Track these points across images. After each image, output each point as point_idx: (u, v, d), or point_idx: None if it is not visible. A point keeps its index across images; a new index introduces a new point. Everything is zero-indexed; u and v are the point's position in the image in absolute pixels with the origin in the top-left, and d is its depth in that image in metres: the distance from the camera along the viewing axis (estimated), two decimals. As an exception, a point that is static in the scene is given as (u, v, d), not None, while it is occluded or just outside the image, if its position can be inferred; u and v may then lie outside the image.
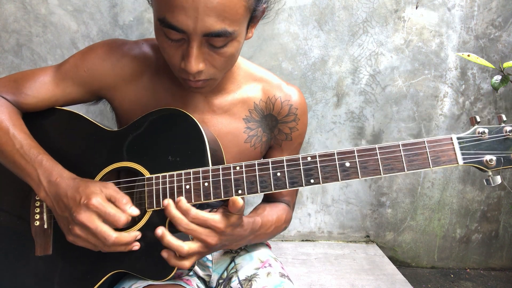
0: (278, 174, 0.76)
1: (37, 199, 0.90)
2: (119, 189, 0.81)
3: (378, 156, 0.72)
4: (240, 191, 0.77)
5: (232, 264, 1.00)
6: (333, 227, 1.95)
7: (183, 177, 0.79)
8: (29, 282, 0.88)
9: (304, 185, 0.74)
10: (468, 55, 1.31)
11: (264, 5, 0.81)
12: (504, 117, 0.71)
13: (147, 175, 0.83)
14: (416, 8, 1.74)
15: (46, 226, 0.88)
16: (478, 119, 0.72)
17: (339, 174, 0.73)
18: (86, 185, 0.78)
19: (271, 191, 0.76)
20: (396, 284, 1.59)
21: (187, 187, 0.79)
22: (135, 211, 0.78)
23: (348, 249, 1.89)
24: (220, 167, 0.78)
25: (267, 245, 1.12)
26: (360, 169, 0.73)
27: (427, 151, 0.71)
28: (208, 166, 0.79)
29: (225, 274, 1.00)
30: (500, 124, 0.71)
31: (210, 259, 1.02)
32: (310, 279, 1.61)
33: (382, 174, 0.72)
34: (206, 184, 0.78)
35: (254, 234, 0.90)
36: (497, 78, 1.39)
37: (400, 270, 1.71)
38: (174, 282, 0.87)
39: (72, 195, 0.77)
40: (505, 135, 0.70)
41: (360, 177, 0.72)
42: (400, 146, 0.72)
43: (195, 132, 0.82)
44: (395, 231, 1.97)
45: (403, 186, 1.92)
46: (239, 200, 0.73)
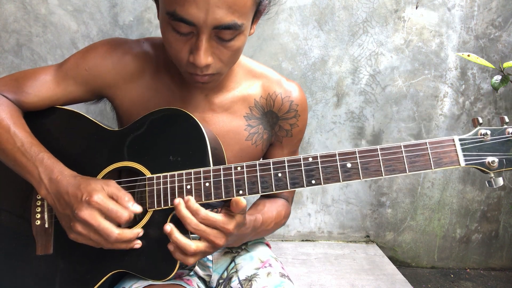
0: (279, 175, 0.76)
1: (38, 198, 0.90)
2: None
3: (380, 157, 0.72)
4: (241, 192, 0.76)
5: (232, 264, 1.00)
6: (333, 227, 1.95)
7: (184, 177, 0.79)
8: (29, 282, 0.88)
9: (305, 185, 0.74)
10: (468, 55, 1.31)
11: (266, 1, 0.82)
12: (506, 118, 0.70)
13: (148, 175, 0.83)
14: (416, 8, 1.74)
15: (47, 226, 0.88)
16: (481, 121, 0.71)
17: (340, 175, 0.73)
18: (88, 182, 0.78)
19: (272, 191, 0.76)
20: (396, 284, 1.59)
21: (188, 187, 0.79)
22: (138, 208, 0.78)
23: (348, 249, 1.89)
24: (221, 167, 0.78)
25: (267, 245, 1.12)
26: (361, 170, 0.72)
27: (429, 153, 0.71)
28: (209, 166, 0.79)
29: (225, 274, 1.00)
30: (502, 125, 0.71)
31: (210, 259, 1.02)
32: (310, 279, 1.61)
33: (383, 175, 0.71)
34: (207, 184, 0.78)
35: (255, 232, 0.90)
36: (497, 78, 1.39)
37: (400, 270, 1.71)
38: (175, 282, 0.87)
39: (73, 192, 0.77)
40: (507, 137, 0.69)
41: (361, 178, 0.72)
42: (402, 147, 0.72)
43: (196, 132, 0.82)
44: (395, 231, 1.97)
45: (403, 186, 1.92)
46: (242, 200, 0.73)
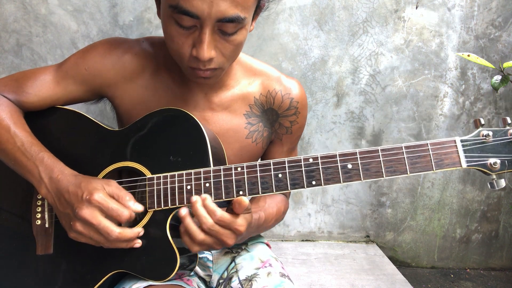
0: (280, 175, 0.76)
1: (38, 198, 0.90)
2: None
3: (381, 158, 0.72)
4: (241, 192, 0.76)
5: (232, 264, 1.00)
6: (333, 227, 1.95)
7: (184, 177, 0.79)
8: (30, 281, 0.88)
9: (305, 186, 0.74)
10: (468, 55, 1.31)
11: None
12: (509, 119, 0.70)
13: (149, 175, 0.83)
14: (416, 8, 1.74)
15: (47, 225, 0.88)
16: (483, 122, 0.71)
17: (341, 176, 0.73)
18: (88, 181, 0.78)
19: (273, 192, 0.76)
20: (396, 284, 1.59)
21: (188, 187, 0.79)
22: (139, 207, 0.78)
23: (348, 249, 1.89)
24: (221, 167, 0.78)
25: (267, 245, 1.12)
26: (362, 171, 0.72)
27: (430, 154, 0.71)
28: (210, 167, 0.79)
29: (225, 274, 1.00)
30: (504, 126, 0.71)
31: (210, 259, 1.02)
32: (310, 279, 1.61)
33: (384, 176, 0.71)
34: (207, 184, 0.78)
35: (258, 229, 0.91)
36: (497, 78, 1.39)
37: (400, 270, 1.71)
38: (175, 283, 0.87)
39: (74, 191, 0.77)
40: (509, 138, 0.69)
41: (362, 179, 0.72)
42: (403, 148, 0.71)
43: (196, 132, 0.82)
44: (395, 231, 1.97)
45: (403, 186, 1.92)
46: (244, 200, 0.73)
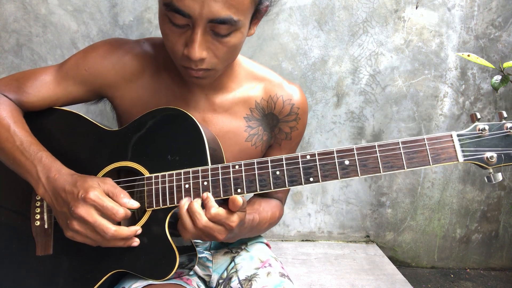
0: (278, 173, 0.76)
1: (37, 199, 0.90)
2: None
3: (378, 154, 0.72)
4: (239, 190, 0.77)
5: (232, 264, 1.00)
6: (333, 227, 1.95)
7: (182, 176, 0.79)
8: (29, 282, 0.88)
9: (303, 183, 0.74)
10: (468, 55, 1.31)
11: (267, 2, 0.82)
12: (504, 113, 0.70)
13: (147, 174, 0.83)
14: (416, 8, 1.74)
15: (46, 226, 0.88)
16: (479, 116, 0.71)
17: (338, 172, 0.73)
18: (84, 179, 0.78)
19: (271, 189, 0.76)
20: (396, 284, 1.59)
21: (187, 186, 0.79)
22: (134, 204, 0.78)
23: (348, 249, 1.89)
24: (219, 166, 0.78)
25: (267, 245, 1.12)
26: (359, 167, 0.72)
27: (427, 148, 0.71)
28: (207, 165, 0.79)
29: (225, 274, 1.00)
30: (500, 120, 0.71)
31: (210, 259, 1.02)
32: (310, 279, 1.61)
33: (381, 172, 0.71)
34: (206, 183, 0.78)
35: (251, 231, 0.91)
36: (497, 78, 1.39)
37: (400, 270, 1.71)
38: (175, 282, 0.87)
39: (70, 190, 0.77)
40: (506, 132, 0.69)
41: (359, 175, 0.72)
42: (400, 143, 0.71)
43: (194, 131, 0.82)
44: (395, 231, 1.96)
45: (403, 186, 1.92)
46: (238, 199, 0.73)
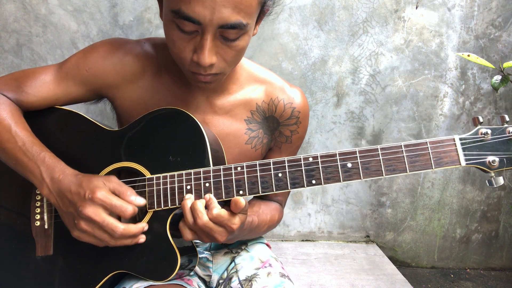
0: (280, 175, 0.75)
1: (37, 199, 0.89)
2: None
3: (380, 157, 0.72)
4: (241, 192, 0.76)
5: (232, 264, 1.00)
6: (333, 227, 1.95)
7: (184, 177, 0.79)
8: (29, 283, 0.87)
9: (305, 185, 0.74)
10: (468, 55, 1.31)
11: (271, 1, 0.82)
12: (507, 117, 0.70)
13: (148, 175, 0.82)
14: (416, 8, 1.74)
15: (46, 226, 0.88)
16: (481, 120, 0.71)
17: (341, 175, 0.73)
18: (89, 179, 0.78)
19: (273, 191, 0.76)
20: (396, 284, 1.59)
21: (188, 187, 0.79)
22: (141, 201, 0.78)
23: (348, 249, 1.89)
24: (221, 167, 0.78)
25: (267, 245, 1.12)
26: (362, 170, 0.72)
27: (429, 152, 0.71)
28: (209, 167, 0.79)
29: (225, 274, 1.00)
30: (503, 124, 0.71)
31: (210, 260, 1.02)
32: (310, 279, 1.61)
33: (384, 175, 0.71)
34: (207, 184, 0.78)
35: (249, 233, 0.91)
36: (497, 78, 1.39)
37: (400, 270, 1.71)
38: (175, 282, 0.87)
39: (76, 190, 0.77)
40: (508, 136, 0.69)
41: (362, 178, 0.72)
42: (403, 147, 0.72)
43: (196, 132, 0.81)
44: (395, 231, 1.97)
45: (403, 186, 1.92)
46: (241, 200, 0.73)
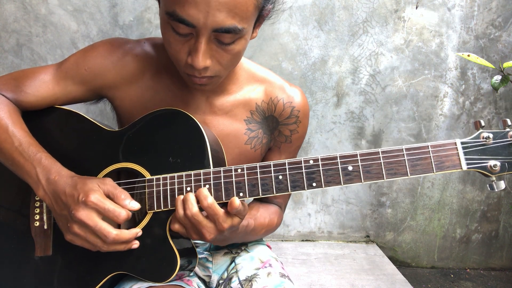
0: (280, 177, 0.75)
1: (37, 199, 0.89)
2: None
3: (381, 160, 0.71)
4: (241, 194, 0.76)
5: (232, 265, 1.00)
6: (333, 227, 1.95)
7: (184, 179, 0.79)
8: (29, 283, 0.87)
9: (306, 188, 0.74)
10: (468, 55, 1.31)
11: (270, 5, 0.81)
12: (509, 121, 0.69)
13: (148, 176, 0.82)
14: (416, 8, 1.73)
15: (46, 227, 0.88)
16: (483, 123, 0.70)
17: (341, 178, 0.73)
18: (84, 182, 0.77)
19: (273, 194, 0.75)
20: (396, 284, 1.59)
21: (188, 189, 0.78)
22: (135, 205, 0.77)
23: (348, 249, 1.89)
24: (221, 169, 0.77)
25: (268, 246, 1.11)
26: (363, 173, 0.72)
27: (430, 156, 0.70)
28: (209, 168, 0.79)
29: (225, 274, 1.00)
30: (504, 128, 0.70)
31: (210, 260, 1.02)
32: (310, 279, 1.61)
33: (385, 178, 0.71)
34: (207, 186, 0.77)
35: (244, 236, 0.91)
36: (497, 78, 1.39)
37: (400, 270, 1.71)
38: (175, 283, 0.87)
39: (70, 193, 0.76)
40: (509, 140, 0.69)
41: (362, 181, 0.72)
42: (404, 150, 0.71)
43: (196, 133, 0.81)
44: (395, 231, 1.97)
45: (403, 186, 1.92)
46: (235, 200, 0.73)
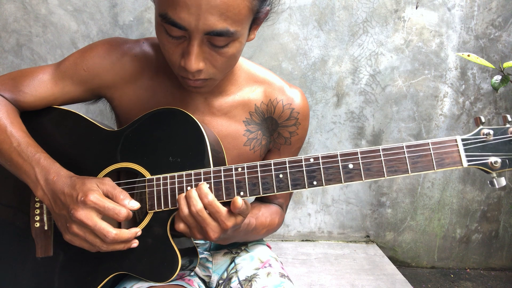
0: (281, 176, 0.75)
1: (37, 200, 0.89)
2: None
3: (382, 158, 0.71)
4: (242, 193, 0.76)
5: (232, 265, 1.00)
6: (333, 227, 1.95)
7: (184, 178, 0.79)
8: (29, 284, 0.87)
9: (306, 187, 0.73)
10: (468, 55, 1.31)
11: (268, 7, 0.80)
12: (509, 117, 0.69)
13: (148, 176, 0.82)
14: (416, 8, 1.73)
15: (46, 228, 0.87)
16: (483, 120, 0.70)
17: (342, 176, 0.72)
18: (83, 182, 0.77)
19: (274, 192, 0.75)
20: (396, 284, 1.59)
21: (188, 188, 0.78)
22: (135, 205, 0.77)
23: (348, 249, 1.89)
24: (221, 168, 0.77)
25: (268, 246, 1.11)
26: (363, 171, 0.71)
27: (431, 153, 0.70)
28: (210, 167, 0.79)
29: (225, 274, 0.99)
30: (505, 124, 0.70)
31: (210, 260, 1.02)
32: (310, 279, 1.61)
33: (385, 176, 0.71)
34: (208, 185, 0.77)
35: (245, 235, 0.90)
36: (497, 78, 1.39)
37: (400, 270, 1.71)
38: (176, 283, 0.87)
39: (69, 193, 0.76)
40: (510, 137, 0.68)
41: (363, 179, 0.71)
42: (404, 147, 0.71)
43: (196, 132, 0.81)
44: (395, 231, 1.97)
45: (403, 186, 1.92)
46: (238, 200, 0.72)
